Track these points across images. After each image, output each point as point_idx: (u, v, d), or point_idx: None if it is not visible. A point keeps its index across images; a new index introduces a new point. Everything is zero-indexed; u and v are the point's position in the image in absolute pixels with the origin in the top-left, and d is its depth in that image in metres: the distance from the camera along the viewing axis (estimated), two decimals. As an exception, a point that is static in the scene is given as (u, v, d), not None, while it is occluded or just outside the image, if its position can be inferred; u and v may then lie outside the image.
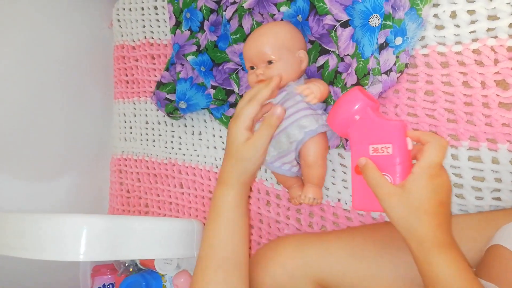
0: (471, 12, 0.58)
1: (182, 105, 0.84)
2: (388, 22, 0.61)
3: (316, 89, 0.64)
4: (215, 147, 0.89)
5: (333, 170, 0.72)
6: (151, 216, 0.98)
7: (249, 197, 0.83)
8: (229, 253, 0.58)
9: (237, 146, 0.59)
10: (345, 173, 0.71)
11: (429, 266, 0.46)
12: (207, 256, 0.59)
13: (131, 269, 0.94)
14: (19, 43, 0.91)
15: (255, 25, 0.75)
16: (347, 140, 0.68)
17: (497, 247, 0.50)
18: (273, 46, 0.65)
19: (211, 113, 0.87)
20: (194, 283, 0.58)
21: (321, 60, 0.71)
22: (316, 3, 0.67)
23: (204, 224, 0.91)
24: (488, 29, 0.56)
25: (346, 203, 0.71)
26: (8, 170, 0.89)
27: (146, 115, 1.01)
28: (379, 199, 0.49)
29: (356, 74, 0.63)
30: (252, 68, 0.68)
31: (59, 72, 0.99)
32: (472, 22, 0.58)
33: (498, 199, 0.58)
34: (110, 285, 0.99)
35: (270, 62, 0.65)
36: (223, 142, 0.87)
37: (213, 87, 0.81)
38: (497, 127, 0.56)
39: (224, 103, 0.83)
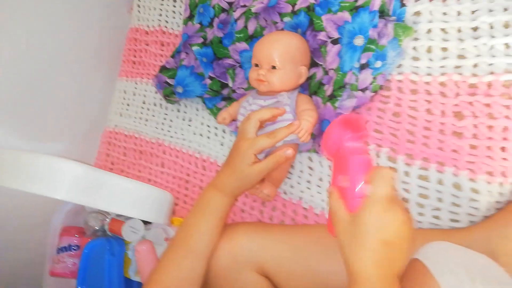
0: (444, 49, 0.65)
1: (179, 89, 0.91)
2: (372, 46, 0.68)
3: (308, 125, 0.69)
4: (201, 134, 0.95)
5: (301, 171, 0.78)
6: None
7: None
8: (200, 245, 0.64)
9: (244, 166, 0.63)
10: (310, 175, 0.77)
11: None
12: (181, 243, 0.64)
13: (98, 234, 0.98)
14: (48, 12, 0.98)
15: (259, 28, 0.83)
16: (319, 145, 0.75)
17: (414, 261, 0.54)
18: (282, 55, 0.71)
19: (204, 103, 0.93)
20: (162, 265, 0.63)
21: (311, 72, 0.78)
22: (314, 19, 0.75)
23: (176, 201, 0.96)
24: (456, 66, 0.64)
25: (306, 203, 0.77)
26: (10, 126, 0.94)
27: (145, 96, 1.07)
28: (333, 223, 0.50)
29: (333, 85, 0.70)
30: (256, 65, 0.73)
31: (76, 43, 1.06)
32: (444, 58, 0.65)
33: (437, 217, 0.64)
34: (76, 247, 1.02)
35: (273, 67, 0.71)
36: (209, 131, 0.94)
37: (210, 78, 0.88)
38: (448, 152, 0.63)
39: (217, 95, 0.90)
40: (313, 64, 0.77)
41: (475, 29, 0.62)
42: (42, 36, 0.98)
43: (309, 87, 0.78)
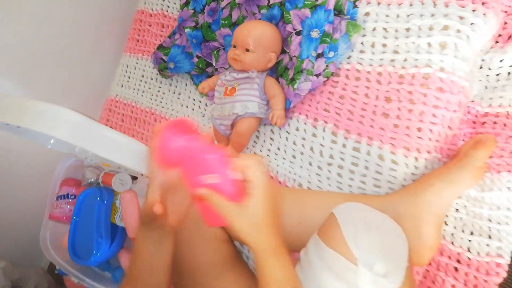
0: (384, 45, 0.78)
1: (171, 65, 1.06)
2: (327, 39, 0.81)
3: (280, 113, 0.84)
4: (187, 106, 1.09)
5: (264, 140, 0.92)
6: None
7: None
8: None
9: None
10: (271, 144, 0.91)
11: (266, 268, 0.56)
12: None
13: (93, 185, 1.14)
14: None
15: (241, 17, 0.97)
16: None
17: (331, 213, 0.65)
18: (255, 40, 0.85)
19: (192, 79, 1.07)
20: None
21: (279, 58, 0.91)
22: (285, 13, 0.88)
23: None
24: (391, 60, 0.77)
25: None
26: (29, 87, 1.10)
27: (144, 70, 1.22)
28: (226, 218, 0.54)
29: (293, 70, 0.83)
30: (234, 46, 0.88)
31: (91, 20, 1.22)
32: (383, 52, 0.78)
33: (364, 183, 0.77)
34: (73, 196, 1.18)
35: (247, 50, 0.86)
36: (194, 104, 1.08)
37: (198, 57, 1.02)
38: (376, 129, 0.76)
39: (203, 72, 1.04)
40: (282, 51, 0.91)
41: (408, 29, 0.75)
42: (63, 13, 1.14)
43: (277, 71, 0.91)
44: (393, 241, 0.63)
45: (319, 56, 0.82)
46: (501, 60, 0.77)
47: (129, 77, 1.26)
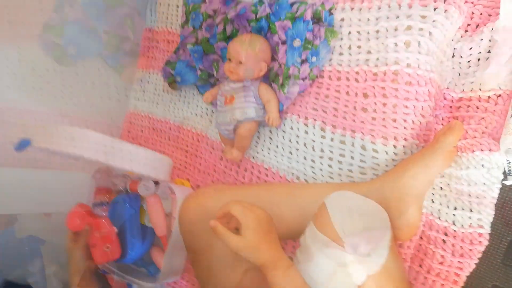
0: (359, 47, 0.87)
1: (178, 78, 1.17)
2: (309, 46, 0.91)
3: (274, 115, 0.95)
4: (196, 114, 1.22)
5: (264, 140, 1.03)
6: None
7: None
8: None
9: None
10: (270, 143, 1.01)
11: (274, 278, 0.70)
12: None
13: (122, 192, 1.28)
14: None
15: (234, 31, 1.06)
16: None
17: (322, 202, 0.75)
18: (247, 53, 0.95)
19: (198, 89, 1.19)
20: None
21: (271, 65, 1.01)
22: (271, 24, 0.98)
23: (178, 166, 1.24)
24: (366, 59, 0.86)
25: (266, 164, 1.02)
26: (47, 101, 1.26)
27: (156, 84, 1.34)
28: (232, 247, 0.71)
29: (282, 76, 0.93)
30: (229, 59, 0.99)
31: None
32: (358, 53, 0.87)
33: (351, 171, 0.87)
34: (106, 203, 1.32)
35: (240, 62, 0.96)
36: (202, 111, 1.20)
37: (200, 70, 1.13)
38: (358, 122, 0.85)
39: (206, 83, 1.16)
40: (273, 59, 1.01)
41: (377, 31, 0.84)
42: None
43: (269, 77, 1.01)
44: (375, 224, 0.72)
45: (303, 61, 0.92)
46: (470, 48, 0.83)
47: (143, 91, 1.38)
